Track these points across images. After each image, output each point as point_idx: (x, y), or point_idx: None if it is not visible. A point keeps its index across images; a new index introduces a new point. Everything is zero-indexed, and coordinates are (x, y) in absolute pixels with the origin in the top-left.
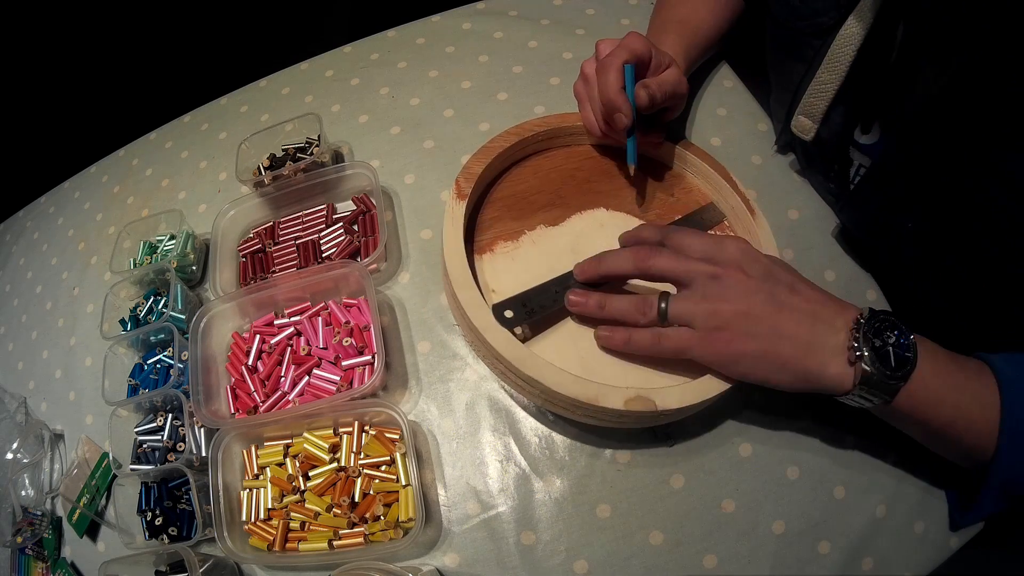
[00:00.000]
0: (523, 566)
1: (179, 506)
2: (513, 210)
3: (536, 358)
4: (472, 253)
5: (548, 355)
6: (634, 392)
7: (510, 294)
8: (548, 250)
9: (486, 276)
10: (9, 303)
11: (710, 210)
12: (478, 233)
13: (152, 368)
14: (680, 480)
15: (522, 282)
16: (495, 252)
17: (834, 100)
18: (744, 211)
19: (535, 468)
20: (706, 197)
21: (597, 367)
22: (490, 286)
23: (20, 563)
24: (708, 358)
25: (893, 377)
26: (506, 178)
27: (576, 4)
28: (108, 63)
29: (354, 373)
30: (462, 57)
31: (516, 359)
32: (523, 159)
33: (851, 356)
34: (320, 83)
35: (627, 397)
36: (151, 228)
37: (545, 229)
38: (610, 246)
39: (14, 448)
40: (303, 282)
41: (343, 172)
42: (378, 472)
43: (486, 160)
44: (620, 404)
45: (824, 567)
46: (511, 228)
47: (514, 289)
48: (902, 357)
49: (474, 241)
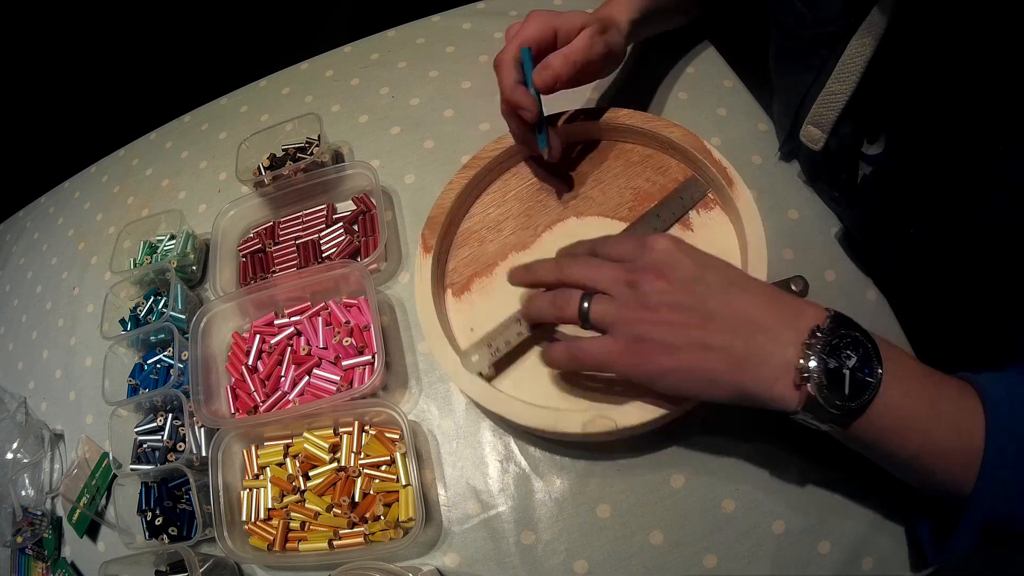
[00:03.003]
0: (523, 566)
1: (179, 506)
2: (484, 243)
3: (497, 393)
4: (449, 297)
5: (518, 387)
6: (592, 413)
7: (490, 328)
8: None
9: (465, 317)
10: (9, 303)
11: (691, 186)
12: (455, 275)
13: (152, 368)
14: (680, 480)
15: (497, 316)
16: (472, 291)
17: (844, 111)
18: (721, 182)
19: (535, 468)
20: (684, 173)
21: (566, 393)
22: (469, 325)
23: (20, 563)
24: (629, 372)
25: (844, 407)
26: (474, 209)
27: (576, 4)
28: (108, 63)
29: (354, 373)
30: (462, 57)
31: (482, 399)
32: (488, 184)
33: (796, 377)
34: (320, 83)
35: (585, 420)
36: (151, 228)
37: (516, 255)
38: None
39: (14, 448)
40: (303, 282)
41: (343, 172)
42: (378, 472)
43: (447, 204)
44: (579, 428)
45: (824, 567)
46: (484, 263)
47: (491, 323)
48: (861, 383)
49: (451, 285)
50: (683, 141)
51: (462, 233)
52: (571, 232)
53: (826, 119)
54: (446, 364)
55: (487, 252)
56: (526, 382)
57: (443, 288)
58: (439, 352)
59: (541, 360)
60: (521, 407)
